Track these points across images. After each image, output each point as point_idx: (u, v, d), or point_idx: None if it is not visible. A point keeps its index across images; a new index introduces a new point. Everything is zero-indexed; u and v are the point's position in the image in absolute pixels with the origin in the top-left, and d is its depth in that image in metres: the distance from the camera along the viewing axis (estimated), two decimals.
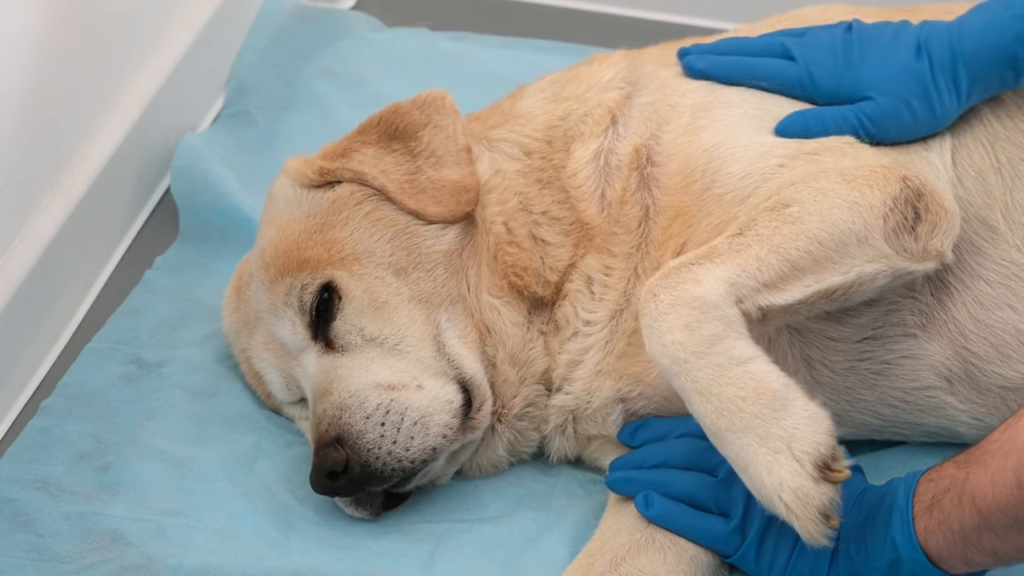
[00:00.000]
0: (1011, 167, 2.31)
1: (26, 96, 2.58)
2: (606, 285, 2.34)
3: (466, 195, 2.35)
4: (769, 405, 2.01)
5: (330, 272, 2.31)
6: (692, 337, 2.06)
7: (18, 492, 2.37)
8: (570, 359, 2.35)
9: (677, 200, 2.30)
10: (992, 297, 2.29)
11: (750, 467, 2.02)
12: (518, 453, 2.42)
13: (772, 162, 2.27)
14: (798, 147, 2.28)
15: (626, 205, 2.33)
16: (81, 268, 2.75)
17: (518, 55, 3.19)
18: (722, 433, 2.03)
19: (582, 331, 2.35)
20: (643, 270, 2.32)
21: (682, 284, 2.09)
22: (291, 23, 3.27)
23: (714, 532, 2.20)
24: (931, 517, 2.03)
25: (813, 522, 1.99)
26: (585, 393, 2.35)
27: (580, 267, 2.35)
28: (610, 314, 2.33)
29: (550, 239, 2.36)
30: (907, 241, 2.19)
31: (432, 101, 2.41)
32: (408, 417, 2.24)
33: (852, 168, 2.22)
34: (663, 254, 2.30)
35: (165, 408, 2.51)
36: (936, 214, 2.20)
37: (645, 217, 2.32)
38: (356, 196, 2.35)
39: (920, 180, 2.21)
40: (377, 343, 2.30)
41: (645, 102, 2.39)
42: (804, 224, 2.15)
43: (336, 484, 2.25)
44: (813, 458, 1.99)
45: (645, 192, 2.33)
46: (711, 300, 2.07)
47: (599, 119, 2.38)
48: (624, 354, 2.32)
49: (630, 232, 2.33)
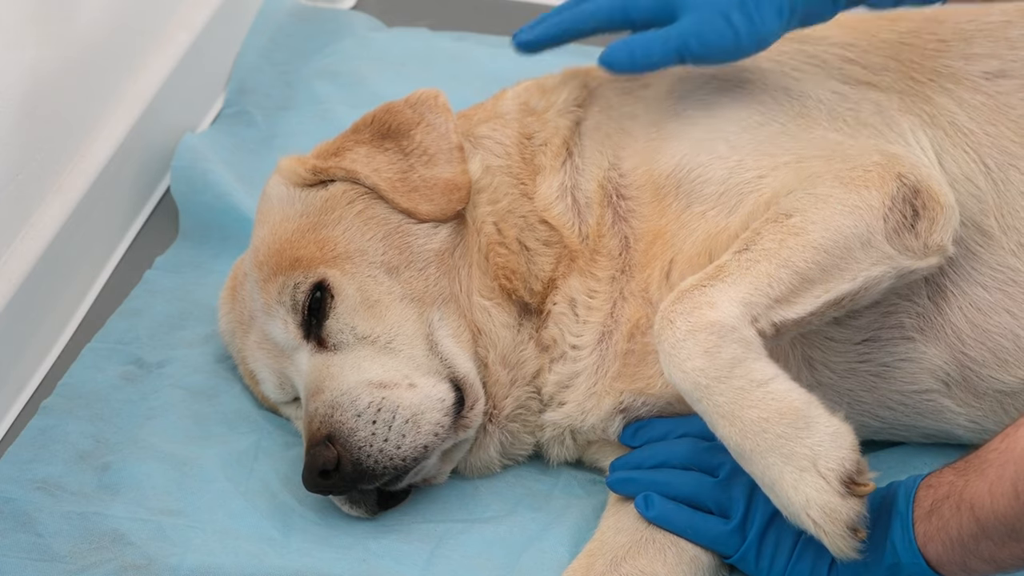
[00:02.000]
0: (1000, 172, 2.30)
1: (26, 96, 2.58)
2: (590, 307, 2.33)
3: (457, 193, 2.35)
4: (792, 424, 2.03)
5: (323, 271, 2.31)
6: (712, 362, 2.07)
7: (18, 492, 2.37)
8: (559, 380, 2.35)
9: (654, 225, 2.30)
10: (989, 302, 2.28)
11: (776, 486, 2.03)
12: (511, 455, 2.42)
13: (747, 176, 2.26)
14: (771, 159, 2.27)
15: (604, 237, 2.33)
16: (81, 268, 2.75)
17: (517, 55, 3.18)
18: (747, 454, 2.05)
19: (570, 355, 2.34)
20: (629, 292, 2.31)
21: (697, 309, 2.09)
22: (291, 23, 3.27)
23: (714, 532, 2.20)
24: (930, 523, 2.03)
25: (842, 537, 2.01)
26: (579, 413, 2.35)
27: (564, 289, 2.34)
28: (597, 337, 2.33)
29: (531, 246, 2.36)
30: (908, 239, 2.19)
31: (425, 100, 2.41)
32: (399, 415, 2.24)
33: (847, 170, 2.21)
34: (649, 275, 2.29)
35: (165, 408, 2.51)
36: (933, 210, 2.20)
37: (625, 247, 2.33)
38: (349, 195, 2.35)
39: (915, 176, 2.21)
40: (369, 341, 2.29)
41: (592, 126, 2.39)
42: (809, 234, 2.15)
43: (328, 482, 2.25)
44: (838, 474, 2.01)
45: (622, 224, 2.33)
46: (728, 323, 2.08)
47: (556, 151, 2.38)
48: (621, 375, 2.32)
49: (612, 259, 2.33)
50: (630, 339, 2.30)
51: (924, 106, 2.34)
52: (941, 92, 2.35)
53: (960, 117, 2.33)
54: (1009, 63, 2.36)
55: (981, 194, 2.30)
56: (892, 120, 2.32)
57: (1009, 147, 2.31)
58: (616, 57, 2.31)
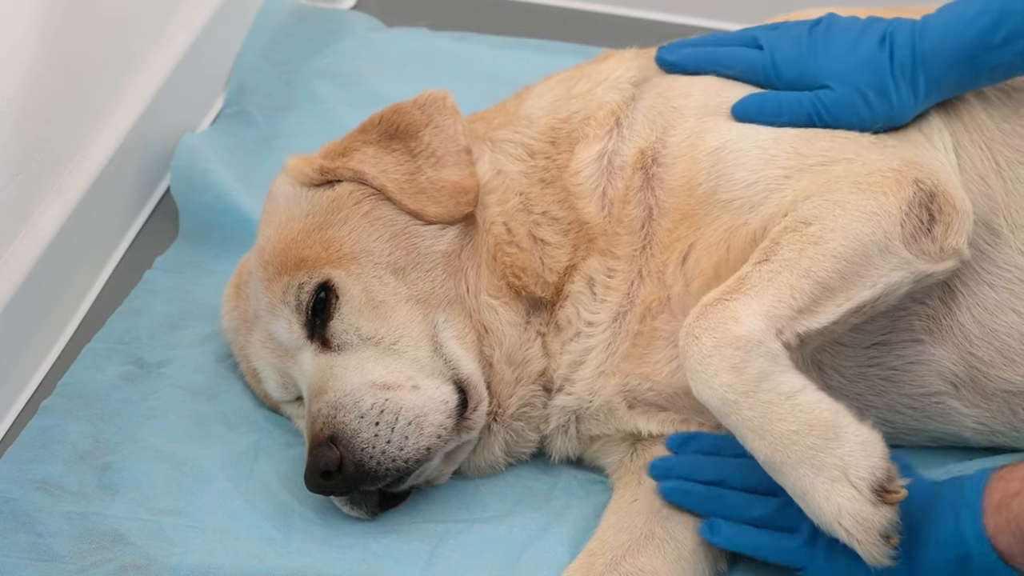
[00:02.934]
0: (1010, 170, 2.31)
1: (26, 96, 2.58)
2: (608, 286, 2.33)
3: (465, 196, 2.35)
4: (822, 435, 2.04)
5: (328, 271, 2.31)
6: (739, 377, 2.07)
7: (18, 492, 2.37)
8: (572, 359, 2.35)
9: (682, 202, 2.30)
10: (996, 301, 2.29)
11: (808, 496, 2.04)
12: (516, 454, 2.42)
13: (776, 172, 2.27)
14: (801, 159, 2.28)
15: (629, 204, 2.33)
16: (81, 268, 2.75)
17: (518, 55, 3.19)
18: (778, 467, 2.06)
19: (584, 332, 2.35)
20: (647, 272, 2.32)
21: (722, 325, 2.10)
22: (291, 23, 3.27)
23: (784, 549, 2.19)
24: (1000, 515, 2.04)
25: (875, 545, 2.02)
26: (588, 393, 2.35)
27: (582, 268, 2.35)
28: (612, 315, 2.33)
29: (549, 239, 2.36)
30: (925, 243, 2.20)
31: (433, 101, 2.41)
32: (403, 417, 2.24)
33: (864, 175, 2.22)
34: (668, 256, 2.30)
35: (165, 408, 2.51)
36: (949, 214, 2.21)
37: (648, 218, 2.32)
38: (355, 195, 2.35)
39: (932, 181, 2.22)
40: (373, 342, 2.29)
41: (648, 104, 2.39)
42: (829, 243, 2.16)
43: (330, 483, 2.25)
44: (869, 483, 2.02)
45: (648, 192, 2.33)
46: (754, 338, 2.09)
47: (602, 121, 2.38)
48: (629, 355, 2.33)
49: (633, 233, 2.33)
50: (642, 320, 2.31)
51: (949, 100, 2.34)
52: None
53: (978, 111, 2.34)
54: None
55: (992, 192, 2.30)
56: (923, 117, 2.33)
57: (1020, 144, 2.32)
58: (749, 109, 2.33)
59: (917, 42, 2.28)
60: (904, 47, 2.28)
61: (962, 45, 2.26)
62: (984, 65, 2.26)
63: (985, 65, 2.26)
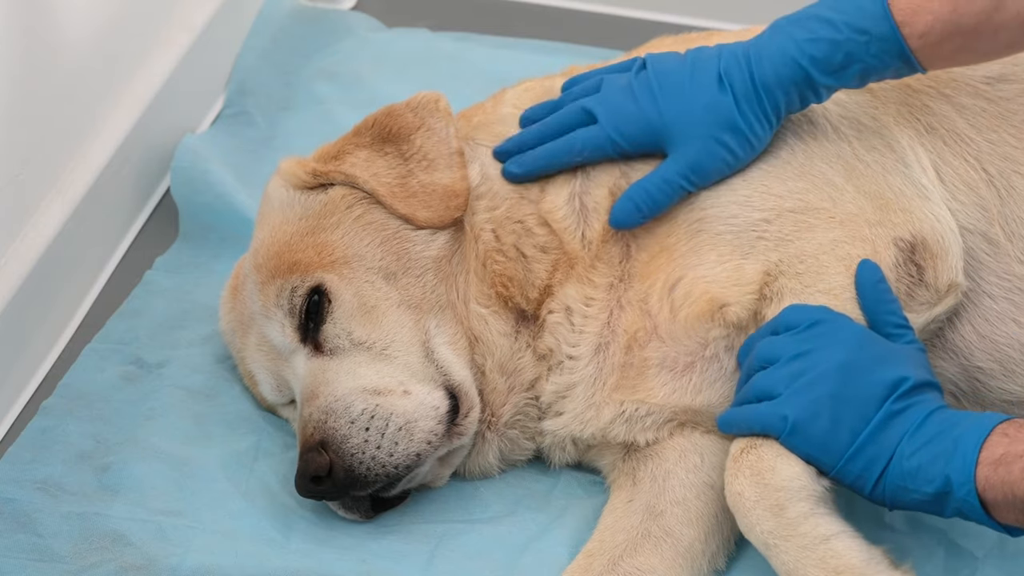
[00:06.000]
0: (1003, 179, 2.30)
1: (26, 96, 2.58)
2: (587, 316, 2.32)
3: (455, 200, 2.34)
4: None
5: (320, 275, 2.31)
6: (779, 521, 2.10)
7: (18, 492, 2.37)
8: (556, 390, 2.35)
9: (660, 240, 2.30)
10: (996, 312, 2.28)
11: None
12: (511, 461, 2.41)
13: (755, 216, 2.26)
14: (778, 202, 2.26)
15: (607, 243, 2.32)
16: (81, 268, 2.75)
17: (518, 55, 3.18)
18: None
19: (567, 365, 2.33)
20: (627, 301, 2.31)
21: (759, 478, 2.11)
22: (291, 23, 3.27)
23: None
24: (995, 472, 2.02)
25: None
26: (578, 423, 2.34)
27: (560, 296, 2.33)
28: (593, 348, 2.32)
29: (528, 253, 2.35)
30: (920, 294, 2.22)
31: (426, 104, 2.40)
32: (393, 423, 2.23)
33: (846, 246, 2.22)
34: (650, 285, 2.29)
35: (165, 408, 2.51)
36: (935, 255, 2.22)
37: (627, 255, 2.32)
38: (348, 199, 2.35)
39: (910, 230, 2.22)
40: (365, 347, 2.29)
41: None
42: None
43: (320, 488, 2.24)
44: None
45: (627, 232, 2.32)
46: (795, 484, 2.10)
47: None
48: (620, 386, 2.31)
49: (612, 266, 2.32)
50: (628, 352, 2.30)
51: (921, 116, 2.33)
52: (940, 99, 2.34)
53: (960, 124, 2.32)
54: (1010, 67, 2.35)
55: (984, 202, 2.29)
56: (891, 138, 2.31)
57: (1012, 153, 2.30)
58: (624, 218, 2.29)
59: (756, 74, 2.25)
60: (744, 83, 2.25)
61: (799, 71, 2.23)
62: (822, 85, 2.25)
63: (823, 85, 2.25)
